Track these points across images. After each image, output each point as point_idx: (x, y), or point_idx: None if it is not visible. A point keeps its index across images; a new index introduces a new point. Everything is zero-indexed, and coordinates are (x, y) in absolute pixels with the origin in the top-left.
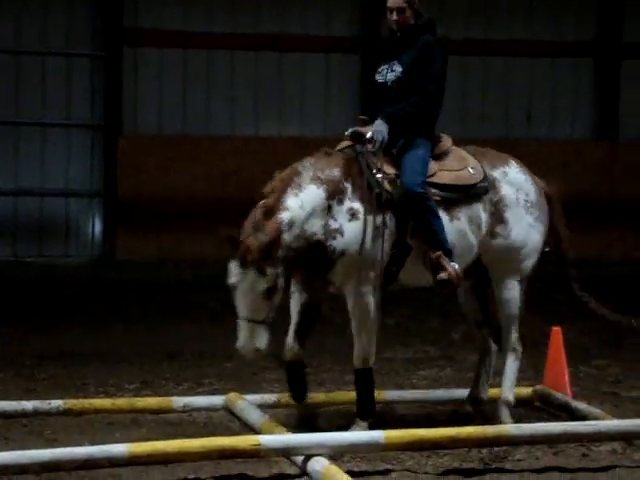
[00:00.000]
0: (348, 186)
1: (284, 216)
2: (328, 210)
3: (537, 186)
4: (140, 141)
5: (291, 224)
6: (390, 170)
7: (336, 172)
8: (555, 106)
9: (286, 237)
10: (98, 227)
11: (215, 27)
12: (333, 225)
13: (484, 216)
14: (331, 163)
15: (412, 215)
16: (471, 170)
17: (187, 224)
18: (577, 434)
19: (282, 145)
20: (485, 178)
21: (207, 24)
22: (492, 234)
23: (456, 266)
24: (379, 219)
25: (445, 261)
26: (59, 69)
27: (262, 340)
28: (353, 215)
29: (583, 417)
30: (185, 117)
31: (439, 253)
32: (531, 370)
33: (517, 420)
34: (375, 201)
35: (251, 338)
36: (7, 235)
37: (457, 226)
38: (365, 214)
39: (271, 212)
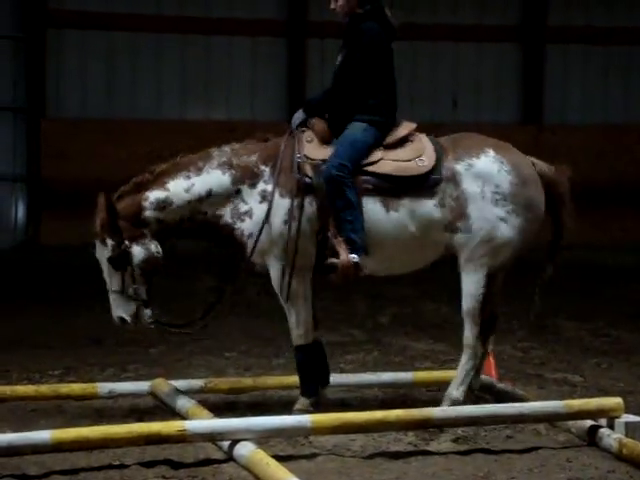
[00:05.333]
0: (265, 169)
1: (155, 195)
2: (237, 194)
3: (520, 176)
4: (64, 124)
5: (163, 204)
6: (318, 156)
7: (253, 157)
8: (480, 90)
9: (150, 214)
10: (22, 211)
11: (140, 9)
12: (242, 208)
13: (438, 210)
14: (252, 148)
15: (327, 197)
16: (419, 162)
17: None
18: (502, 416)
19: (209, 129)
20: (435, 170)
21: (132, 6)
22: (452, 229)
23: (356, 258)
24: (294, 202)
25: (342, 249)
26: None
27: (123, 310)
28: (264, 197)
29: (508, 399)
30: (110, 100)
31: (340, 239)
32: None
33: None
34: (292, 185)
35: (115, 308)
36: None
37: (394, 218)
38: (275, 196)
39: (141, 188)
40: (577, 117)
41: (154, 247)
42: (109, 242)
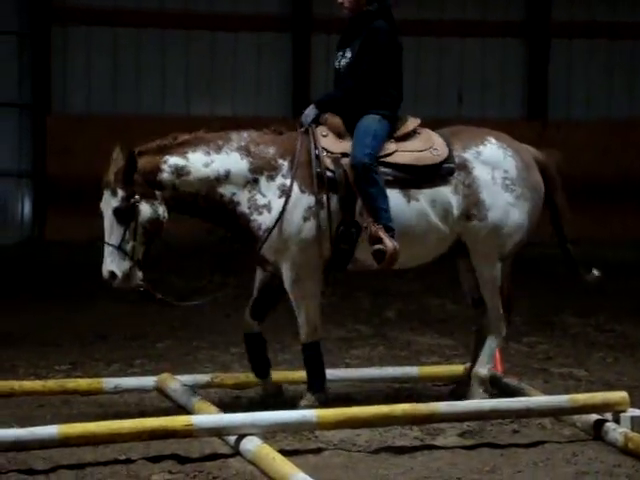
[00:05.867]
0: (283, 163)
1: (174, 160)
2: (254, 183)
3: (523, 161)
4: (69, 120)
5: (180, 171)
6: (337, 149)
7: (270, 149)
8: (485, 86)
9: (167, 178)
10: (27, 208)
11: (145, 5)
12: (261, 200)
13: (454, 198)
14: (269, 140)
15: (357, 187)
16: (433, 151)
17: None
18: (508, 410)
19: (214, 124)
20: (449, 159)
21: (137, 2)
22: (467, 216)
23: (396, 243)
24: (315, 198)
25: (384, 234)
26: None
27: (116, 265)
28: (283, 192)
29: (513, 393)
30: (115, 96)
31: (380, 226)
32: (463, 347)
33: (458, 397)
34: (314, 179)
35: (109, 261)
36: None
37: (416, 207)
38: (293, 191)
39: (163, 150)
40: (581, 112)
41: (162, 211)
42: (120, 193)
